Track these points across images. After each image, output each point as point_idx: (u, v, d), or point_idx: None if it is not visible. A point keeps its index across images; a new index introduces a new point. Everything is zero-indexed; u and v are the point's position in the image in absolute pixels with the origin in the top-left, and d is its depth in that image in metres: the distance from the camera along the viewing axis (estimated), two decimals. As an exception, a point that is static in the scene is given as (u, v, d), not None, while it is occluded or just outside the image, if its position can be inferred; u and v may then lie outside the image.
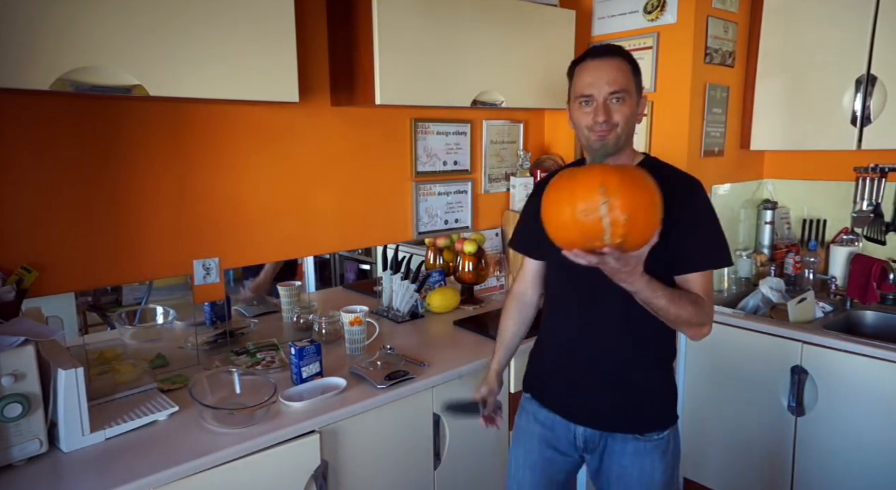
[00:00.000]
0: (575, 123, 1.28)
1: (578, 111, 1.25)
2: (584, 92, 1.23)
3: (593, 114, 1.23)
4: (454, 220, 2.41)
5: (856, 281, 2.27)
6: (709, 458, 2.35)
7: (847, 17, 2.15)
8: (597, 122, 1.22)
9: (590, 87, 1.23)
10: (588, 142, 1.26)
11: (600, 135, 1.23)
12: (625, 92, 1.22)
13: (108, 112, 1.55)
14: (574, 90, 1.27)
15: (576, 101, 1.26)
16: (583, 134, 1.26)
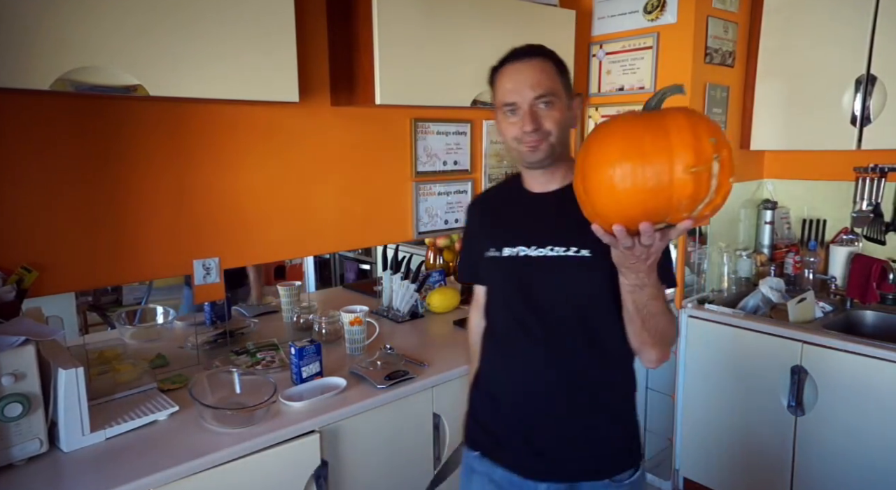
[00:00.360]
0: (502, 135, 1.15)
1: (504, 122, 1.13)
2: (506, 100, 1.11)
3: (521, 123, 1.10)
4: (454, 220, 2.41)
5: (855, 281, 2.27)
6: (709, 458, 2.35)
7: (847, 17, 2.15)
8: (525, 132, 1.09)
9: (512, 94, 1.10)
10: (519, 154, 1.14)
11: (531, 146, 1.10)
12: (552, 95, 1.09)
13: (108, 112, 1.55)
14: (497, 99, 1.15)
15: (500, 110, 1.14)
16: (512, 146, 1.14)
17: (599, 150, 0.84)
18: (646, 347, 1.08)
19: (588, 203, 0.88)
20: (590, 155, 0.85)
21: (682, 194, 0.77)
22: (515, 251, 1.15)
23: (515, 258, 1.15)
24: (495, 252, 1.18)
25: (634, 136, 0.80)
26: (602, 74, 2.50)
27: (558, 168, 1.16)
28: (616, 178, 0.80)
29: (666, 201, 0.78)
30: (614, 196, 0.81)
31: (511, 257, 1.16)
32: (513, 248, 1.16)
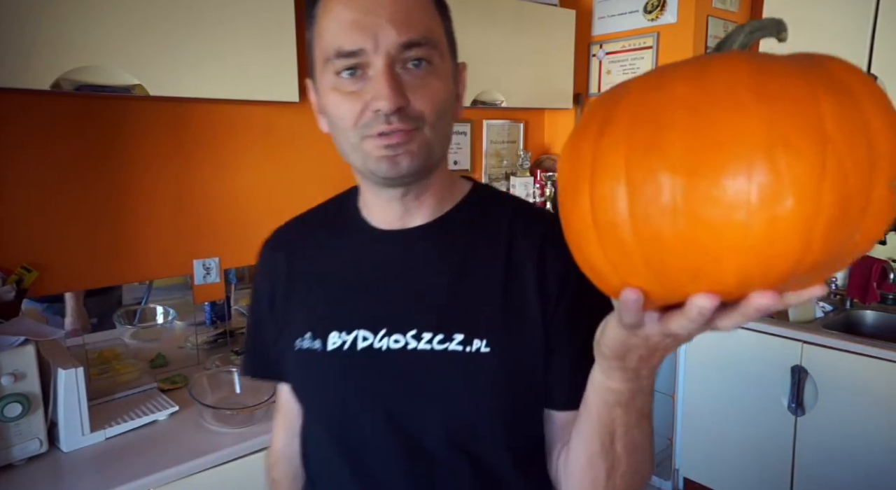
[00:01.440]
0: (330, 120, 0.64)
1: (334, 94, 0.61)
2: (342, 45, 0.58)
3: (370, 94, 0.59)
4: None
5: (856, 281, 2.27)
6: (709, 458, 2.35)
7: (847, 17, 2.14)
8: (382, 111, 0.58)
9: (355, 34, 0.58)
10: (365, 159, 0.62)
11: (394, 142, 0.60)
12: (430, 47, 0.60)
13: (107, 112, 1.55)
14: (319, 48, 0.62)
15: (325, 71, 0.61)
16: (348, 144, 0.63)
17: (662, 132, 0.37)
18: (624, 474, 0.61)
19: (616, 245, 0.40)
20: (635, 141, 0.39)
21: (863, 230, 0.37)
22: (350, 339, 0.67)
23: (350, 354, 0.66)
24: (312, 341, 0.68)
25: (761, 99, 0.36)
26: (602, 74, 2.50)
27: (431, 187, 0.68)
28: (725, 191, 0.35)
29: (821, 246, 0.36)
30: (709, 231, 0.36)
31: (342, 352, 0.67)
32: (345, 334, 0.67)
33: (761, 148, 0.34)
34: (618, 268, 0.41)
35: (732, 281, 0.37)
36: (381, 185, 0.66)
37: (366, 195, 0.72)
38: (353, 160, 0.64)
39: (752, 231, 0.35)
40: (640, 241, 0.38)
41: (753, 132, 0.35)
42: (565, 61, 2.31)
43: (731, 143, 0.35)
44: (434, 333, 0.65)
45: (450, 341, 0.64)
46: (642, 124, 0.38)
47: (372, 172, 0.63)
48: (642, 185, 0.37)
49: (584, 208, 0.41)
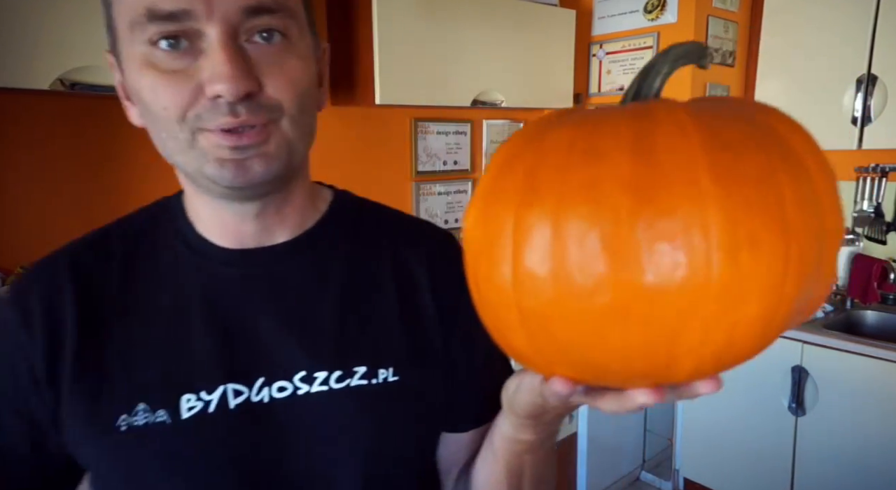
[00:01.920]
0: (145, 108, 0.49)
1: (148, 72, 0.46)
2: (157, 4, 0.43)
3: (206, 72, 0.45)
4: (454, 219, 2.41)
5: (856, 281, 2.27)
6: (709, 458, 2.35)
7: (848, 16, 2.14)
8: (218, 97, 0.45)
9: None
10: (199, 161, 0.48)
11: (241, 143, 0.46)
12: (286, 15, 0.47)
13: (108, 112, 1.54)
14: (123, 3, 0.46)
15: (133, 37, 0.46)
16: (173, 139, 0.49)
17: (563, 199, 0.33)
18: None
19: (526, 329, 0.36)
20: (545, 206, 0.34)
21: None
22: (215, 398, 0.51)
23: (220, 418, 0.51)
24: (151, 414, 0.49)
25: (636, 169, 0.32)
26: (602, 74, 2.50)
27: (293, 197, 0.57)
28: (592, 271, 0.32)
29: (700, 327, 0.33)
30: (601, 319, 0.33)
31: (207, 418, 0.50)
32: (205, 394, 0.51)
33: (724, 248, 0.31)
34: (545, 356, 0.37)
35: (684, 378, 0.36)
36: (226, 197, 0.51)
37: (201, 209, 0.54)
38: (182, 162, 0.49)
39: (711, 338, 0.32)
40: (574, 342, 0.34)
41: (715, 228, 0.30)
42: (565, 61, 2.31)
43: (685, 238, 0.31)
44: (329, 371, 0.53)
45: (350, 377, 0.53)
46: (578, 204, 0.32)
47: (211, 180, 0.48)
48: (581, 280, 0.32)
49: (506, 289, 0.35)
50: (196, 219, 0.56)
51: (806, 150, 0.34)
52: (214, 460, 0.50)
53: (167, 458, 0.49)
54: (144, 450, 0.49)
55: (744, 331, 0.32)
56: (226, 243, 0.55)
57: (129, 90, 0.49)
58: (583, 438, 2.26)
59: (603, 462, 2.36)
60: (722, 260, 0.30)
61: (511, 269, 0.34)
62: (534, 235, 0.33)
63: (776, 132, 0.34)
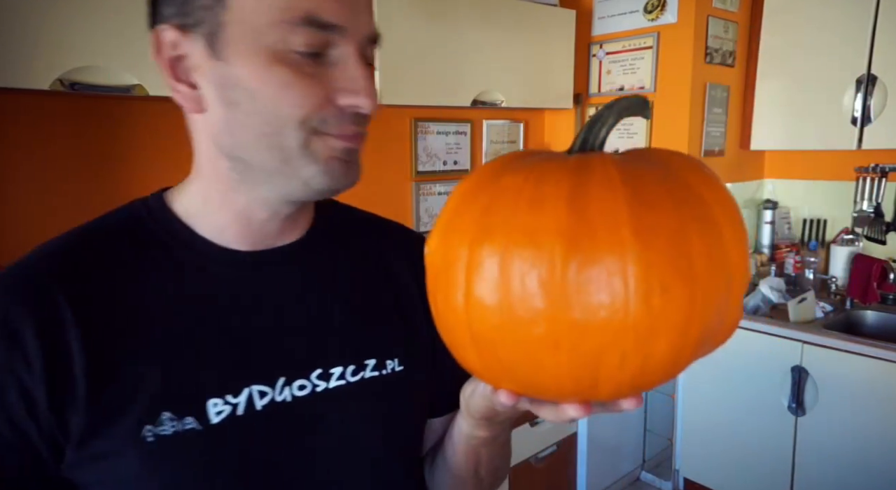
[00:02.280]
0: (255, 100, 0.48)
1: (282, 69, 0.47)
2: (320, 14, 0.47)
3: (342, 84, 0.49)
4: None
5: (856, 281, 2.27)
6: (709, 458, 2.35)
7: (847, 17, 2.14)
8: (355, 108, 0.50)
9: (337, 3, 0.48)
10: (301, 160, 0.50)
11: (355, 142, 0.52)
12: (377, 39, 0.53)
13: (107, 112, 1.55)
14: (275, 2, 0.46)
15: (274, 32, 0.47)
16: (278, 134, 0.49)
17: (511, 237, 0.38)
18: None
19: (476, 347, 0.42)
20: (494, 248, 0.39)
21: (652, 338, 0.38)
22: (242, 401, 0.52)
23: (250, 419, 0.52)
24: (178, 422, 0.49)
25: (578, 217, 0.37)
26: (602, 74, 2.50)
27: (304, 210, 0.60)
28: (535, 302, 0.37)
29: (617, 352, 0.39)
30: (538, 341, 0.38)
31: (237, 421, 0.51)
32: (231, 397, 0.52)
33: (639, 293, 0.36)
34: (493, 372, 0.43)
35: (606, 397, 0.42)
36: (308, 198, 0.53)
37: (221, 211, 0.54)
38: (269, 159, 0.49)
39: (628, 366, 0.38)
40: (516, 363, 0.40)
41: (631, 275, 0.36)
42: (565, 61, 2.31)
43: (608, 283, 0.36)
44: (344, 366, 0.56)
45: (363, 369, 0.57)
46: (521, 247, 0.38)
47: (307, 181, 0.50)
48: (521, 312, 0.38)
49: (460, 312, 0.41)
50: (198, 222, 0.55)
51: (718, 204, 0.40)
52: (250, 461, 0.51)
53: (203, 465, 0.49)
54: (178, 459, 0.49)
55: (655, 361, 0.38)
56: (228, 244, 0.55)
57: (225, 78, 0.48)
58: (583, 438, 2.26)
59: (603, 462, 2.35)
60: (637, 303, 0.36)
61: (464, 295, 0.40)
62: (483, 269, 0.39)
63: (693, 190, 0.39)
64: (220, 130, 0.50)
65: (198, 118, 0.52)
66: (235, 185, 0.53)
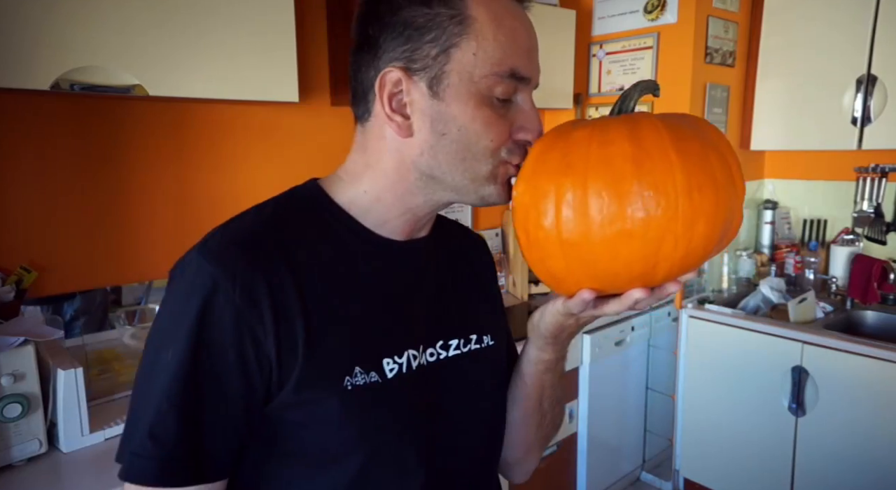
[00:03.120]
0: (460, 132, 0.60)
1: (485, 111, 0.60)
2: (521, 70, 0.61)
3: (520, 123, 0.62)
4: (454, 219, 2.41)
5: (856, 281, 2.27)
6: (709, 458, 2.35)
7: (847, 17, 2.14)
8: (527, 142, 0.62)
9: (530, 62, 0.63)
10: (485, 181, 0.62)
11: (516, 171, 0.62)
12: None
13: (108, 112, 1.54)
14: (486, 55, 0.59)
15: (484, 81, 0.59)
16: (473, 160, 0.61)
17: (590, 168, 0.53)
18: (533, 452, 0.82)
19: (564, 255, 0.55)
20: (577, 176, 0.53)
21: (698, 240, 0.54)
22: (403, 362, 0.65)
23: (409, 377, 0.65)
24: (366, 375, 0.62)
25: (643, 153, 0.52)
26: (602, 74, 2.50)
27: None
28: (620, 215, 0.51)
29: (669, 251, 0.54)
30: (616, 242, 0.52)
31: (402, 377, 0.65)
32: (397, 358, 0.65)
33: (684, 193, 0.51)
34: (575, 275, 0.57)
35: (660, 280, 0.56)
36: (473, 205, 0.69)
37: (388, 208, 0.65)
38: (461, 178, 0.62)
39: (679, 247, 0.52)
40: (597, 259, 0.54)
41: (679, 181, 0.51)
42: (565, 61, 2.31)
43: (664, 188, 0.51)
44: (459, 339, 0.71)
45: (469, 343, 0.72)
46: (599, 172, 0.52)
47: (485, 197, 0.64)
48: (605, 216, 0.52)
49: (551, 230, 0.54)
50: (363, 214, 0.66)
51: (722, 141, 0.57)
52: (412, 405, 0.66)
53: (385, 406, 0.63)
54: (367, 403, 0.62)
55: (696, 244, 0.53)
56: (394, 236, 0.67)
57: (441, 114, 0.60)
58: (583, 438, 2.25)
59: (603, 462, 2.35)
60: (683, 199, 0.51)
61: (554, 216, 0.54)
62: (570, 193, 0.53)
63: (706, 131, 0.56)
64: (422, 152, 0.61)
65: (400, 140, 0.62)
66: (416, 191, 0.64)
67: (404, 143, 0.61)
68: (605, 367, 2.27)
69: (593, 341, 2.17)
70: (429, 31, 0.58)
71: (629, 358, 2.40)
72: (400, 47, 0.59)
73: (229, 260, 0.58)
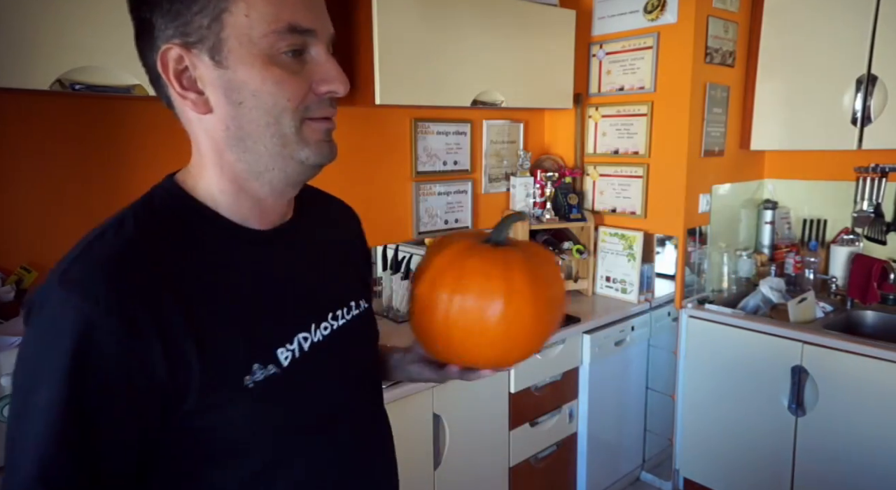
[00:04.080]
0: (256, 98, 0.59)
1: (275, 70, 0.59)
2: (299, 22, 0.59)
3: (320, 76, 0.62)
4: (454, 220, 2.41)
5: (856, 281, 2.27)
6: (709, 458, 2.35)
7: (847, 17, 2.14)
8: (332, 93, 0.63)
9: (309, 12, 0.60)
10: (298, 144, 0.62)
11: (332, 127, 0.65)
12: None
13: (107, 112, 1.55)
14: (258, 13, 0.58)
15: (263, 41, 0.58)
16: (278, 124, 0.61)
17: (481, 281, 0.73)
18: None
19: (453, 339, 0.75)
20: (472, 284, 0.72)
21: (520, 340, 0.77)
22: (296, 347, 0.67)
23: (303, 359, 0.68)
24: (265, 369, 0.63)
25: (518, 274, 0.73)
26: (602, 74, 2.50)
27: None
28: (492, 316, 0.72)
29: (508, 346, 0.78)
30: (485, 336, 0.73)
31: (296, 362, 0.67)
32: (289, 345, 0.67)
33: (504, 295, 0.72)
34: (449, 356, 0.79)
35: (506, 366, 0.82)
36: (303, 176, 0.66)
37: (241, 200, 0.65)
38: (272, 145, 0.61)
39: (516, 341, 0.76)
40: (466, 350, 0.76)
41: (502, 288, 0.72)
42: (565, 61, 2.31)
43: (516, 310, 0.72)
44: (342, 308, 0.76)
45: (351, 309, 0.78)
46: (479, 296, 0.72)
47: (303, 160, 0.63)
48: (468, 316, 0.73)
49: (440, 325, 0.74)
50: (222, 208, 0.66)
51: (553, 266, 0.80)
52: (311, 383, 0.69)
53: (286, 397, 0.66)
54: (270, 396, 0.64)
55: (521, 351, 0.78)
56: (259, 226, 0.68)
57: (230, 82, 0.59)
58: (583, 438, 2.26)
59: (603, 462, 2.36)
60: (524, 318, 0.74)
61: (443, 317, 0.73)
62: (458, 305, 0.73)
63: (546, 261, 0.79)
64: (227, 126, 0.61)
65: (204, 118, 0.62)
66: (245, 176, 0.64)
67: (209, 120, 0.61)
68: (605, 366, 2.28)
69: (593, 341, 2.17)
70: (195, 2, 0.57)
71: (629, 358, 2.40)
72: (172, 23, 0.57)
73: (100, 292, 0.54)
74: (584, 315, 2.21)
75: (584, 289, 2.53)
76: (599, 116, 2.54)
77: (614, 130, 2.50)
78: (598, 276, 2.53)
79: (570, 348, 2.13)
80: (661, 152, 2.36)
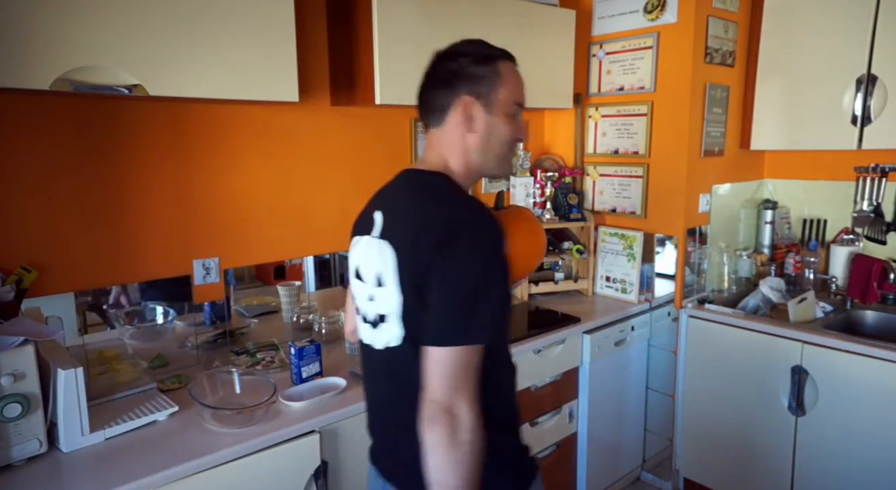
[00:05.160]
0: (496, 134, 1.05)
1: (510, 122, 1.06)
2: (523, 102, 1.09)
3: (521, 126, 1.10)
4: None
5: (856, 281, 2.27)
6: (709, 458, 2.35)
7: (848, 17, 2.14)
8: (521, 141, 1.12)
9: (524, 97, 1.09)
10: (504, 163, 1.09)
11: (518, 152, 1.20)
12: None
13: (107, 112, 1.55)
14: (506, 94, 1.04)
15: (509, 106, 1.05)
16: (501, 149, 1.07)
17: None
18: None
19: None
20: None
21: None
22: None
23: None
24: None
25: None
26: (602, 74, 2.50)
27: None
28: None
29: None
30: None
31: None
32: None
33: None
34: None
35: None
36: (492, 179, 1.20)
37: (464, 184, 1.08)
38: (489, 160, 1.07)
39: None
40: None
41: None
42: (565, 61, 2.31)
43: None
44: None
45: None
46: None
47: (503, 173, 1.13)
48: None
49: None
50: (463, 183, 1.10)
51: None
52: None
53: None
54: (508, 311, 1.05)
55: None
56: None
57: (487, 125, 1.04)
58: (583, 438, 2.26)
59: (603, 462, 2.35)
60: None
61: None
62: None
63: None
64: (476, 147, 1.05)
65: (467, 135, 1.04)
66: (473, 168, 1.08)
67: (470, 139, 1.04)
68: (605, 366, 2.28)
69: (593, 341, 2.17)
70: (486, 79, 1.03)
71: (629, 358, 2.40)
72: (469, 85, 1.03)
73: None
74: (584, 315, 2.21)
75: (584, 289, 2.53)
76: (599, 116, 2.54)
77: (614, 130, 2.50)
78: (598, 275, 2.53)
79: (570, 348, 2.13)
80: (660, 152, 2.36)
